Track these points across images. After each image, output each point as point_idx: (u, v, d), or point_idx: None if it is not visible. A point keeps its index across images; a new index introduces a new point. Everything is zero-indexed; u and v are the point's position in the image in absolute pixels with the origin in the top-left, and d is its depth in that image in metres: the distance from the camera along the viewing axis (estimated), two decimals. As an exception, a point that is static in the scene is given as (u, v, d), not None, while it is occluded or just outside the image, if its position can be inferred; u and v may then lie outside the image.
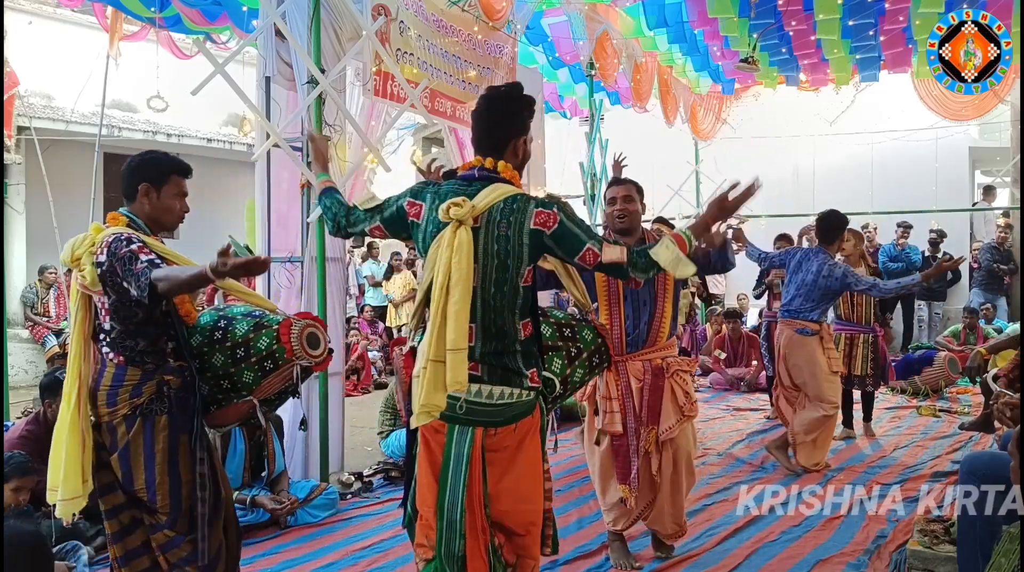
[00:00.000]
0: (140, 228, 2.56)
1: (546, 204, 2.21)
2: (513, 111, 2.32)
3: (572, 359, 2.68)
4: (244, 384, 2.70)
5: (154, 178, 2.62)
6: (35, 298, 8.80)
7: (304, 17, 4.67)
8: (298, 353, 2.68)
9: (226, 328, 2.72)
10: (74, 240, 2.56)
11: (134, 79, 8.94)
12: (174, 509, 2.53)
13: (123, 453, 2.51)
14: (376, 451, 5.66)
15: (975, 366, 4.71)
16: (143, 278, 2.29)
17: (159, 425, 2.51)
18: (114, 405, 2.51)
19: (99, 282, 2.45)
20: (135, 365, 2.51)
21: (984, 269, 10.39)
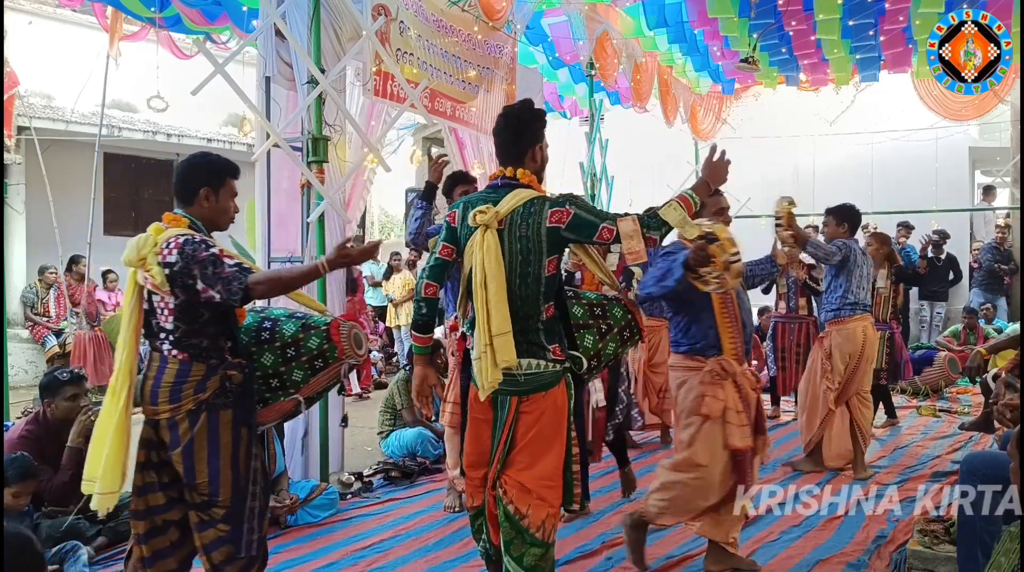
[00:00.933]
0: (199, 229, 2.62)
1: (559, 202, 2.57)
2: (526, 123, 2.70)
3: (603, 335, 2.99)
4: (293, 382, 2.86)
5: (213, 181, 2.68)
6: (35, 298, 8.79)
7: (304, 17, 4.67)
8: (348, 352, 2.87)
9: (272, 329, 2.88)
10: (138, 240, 2.59)
11: (134, 79, 8.93)
12: (235, 503, 2.58)
13: (187, 448, 2.54)
14: (376, 451, 5.66)
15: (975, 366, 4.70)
16: (236, 283, 2.41)
17: (223, 419, 2.57)
18: (177, 401, 2.55)
19: (167, 282, 2.50)
20: (199, 361, 2.56)
21: (984, 269, 10.39)
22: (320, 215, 4.65)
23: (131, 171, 11.81)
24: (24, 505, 3.37)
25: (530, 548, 2.57)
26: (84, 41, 9.99)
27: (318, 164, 4.65)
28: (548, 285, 2.60)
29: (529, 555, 2.57)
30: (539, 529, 2.57)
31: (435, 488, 4.85)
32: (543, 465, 2.60)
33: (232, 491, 2.57)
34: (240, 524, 2.60)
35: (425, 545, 3.80)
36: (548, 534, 2.60)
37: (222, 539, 2.58)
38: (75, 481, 3.72)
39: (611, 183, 8.48)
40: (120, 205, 11.71)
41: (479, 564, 3.53)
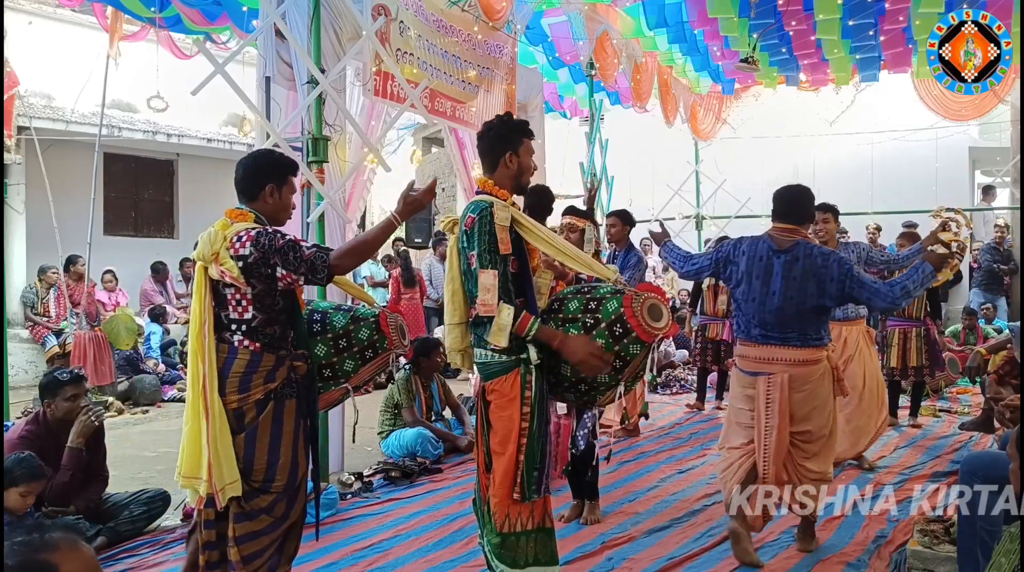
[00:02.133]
0: (264, 224, 2.70)
1: (470, 209, 2.77)
2: (497, 135, 2.88)
3: (588, 329, 2.76)
4: (344, 372, 2.96)
5: (278, 178, 2.77)
6: (35, 298, 8.79)
7: (304, 17, 4.67)
8: (396, 342, 3.00)
9: (323, 321, 2.97)
10: (208, 235, 2.62)
11: (134, 79, 8.95)
12: (288, 489, 2.67)
13: (250, 434, 2.62)
14: (376, 451, 5.66)
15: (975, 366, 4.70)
16: (319, 261, 2.52)
17: (288, 408, 2.68)
18: (247, 390, 2.62)
19: (244, 274, 2.56)
20: (270, 351, 2.65)
21: (984, 269, 10.39)
22: (320, 215, 4.65)
23: (131, 171, 11.82)
24: (30, 505, 3.37)
25: (493, 535, 2.74)
26: (84, 41, 10.00)
27: (318, 164, 4.65)
28: (475, 280, 2.72)
29: (492, 541, 2.76)
30: (500, 517, 2.72)
31: (435, 488, 4.85)
32: (502, 455, 2.74)
33: (288, 478, 2.67)
34: (282, 517, 2.68)
35: (425, 545, 3.80)
36: (508, 525, 2.71)
37: (255, 533, 2.63)
38: (75, 481, 3.74)
39: (611, 183, 8.48)
40: (120, 205, 11.72)
41: (479, 564, 3.53)
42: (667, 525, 4.05)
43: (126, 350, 8.30)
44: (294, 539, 2.81)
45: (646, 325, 2.70)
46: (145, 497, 3.99)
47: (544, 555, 2.75)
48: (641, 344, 2.75)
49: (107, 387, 7.85)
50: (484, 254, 2.66)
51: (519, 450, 2.71)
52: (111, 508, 3.92)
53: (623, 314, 2.71)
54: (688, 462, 5.38)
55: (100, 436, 3.92)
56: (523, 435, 2.72)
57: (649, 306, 2.73)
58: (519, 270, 2.77)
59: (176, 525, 4.09)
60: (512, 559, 2.72)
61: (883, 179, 11.78)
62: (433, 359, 5.72)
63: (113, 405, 7.39)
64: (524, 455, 2.71)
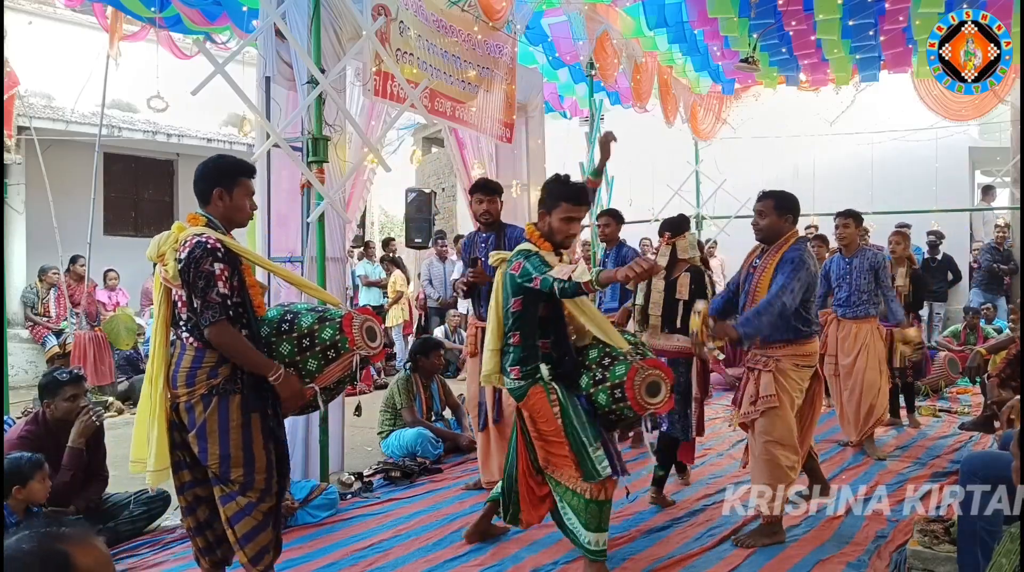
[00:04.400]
0: (217, 227, 2.81)
1: (517, 256, 3.19)
2: (543, 193, 3.33)
3: (597, 383, 3.22)
4: (308, 371, 2.94)
5: (225, 182, 2.85)
6: (35, 298, 8.80)
7: (304, 17, 4.67)
8: (359, 343, 2.96)
9: (292, 321, 2.99)
10: (160, 237, 2.81)
11: (134, 79, 8.93)
12: (247, 476, 2.75)
13: (200, 430, 2.73)
14: (376, 451, 5.66)
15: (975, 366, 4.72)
16: (210, 313, 2.64)
17: (233, 404, 2.75)
18: (192, 385, 2.73)
19: (179, 277, 2.71)
20: (212, 349, 2.73)
21: (984, 269, 10.39)
22: (320, 215, 4.65)
23: (131, 171, 11.83)
24: (49, 489, 3.40)
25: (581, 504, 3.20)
26: (84, 41, 10.00)
27: (318, 164, 4.65)
28: (514, 319, 3.21)
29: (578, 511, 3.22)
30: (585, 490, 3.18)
31: (435, 488, 4.85)
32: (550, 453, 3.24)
33: (244, 468, 2.74)
34: (259, 500, 2.77)
35: (425, 545, 3.80)
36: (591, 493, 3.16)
37: (243, 510, 2.76)
38: (75, 481, 3.74)
39: (611, 183, 8.48)
40: (120, 205, 11.73)
41: (479, 564, 3.54)
42: (667, 525, 4.05)
43: (126, 350, 8.30)
44: (276, 533, 2.90)
45: (641, 399, 3.13)
46: (145, 497, 4.00)
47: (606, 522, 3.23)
48: (634, 412, 3.17)
49: (107, 387, 7.85)
50: (539, 268, 3.05)
51: (566, 442, 3.14)
52: (111, 508, 3.93)
53: (624, 384, 3.13)
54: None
55: (100, 436, 3.93)
56: (564, 428, 3.14)
57: (649, 383, 3.15)
58: (548, 314, 3.22)
59: (176, 525, 4.08)
60: (597, 524, 3.17)
61: (883, 179, 11.77)
62: (432, 359, 5.72)
63: (113, 405, 7.39)
64: (571, 444, 3.13)
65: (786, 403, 3.72)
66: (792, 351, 3.75)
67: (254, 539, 2.78)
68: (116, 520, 3.86)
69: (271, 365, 2.75)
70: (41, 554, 1.16)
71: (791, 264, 3.63)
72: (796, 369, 3.77)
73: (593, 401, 3.22)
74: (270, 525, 2.83)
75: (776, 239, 3.80)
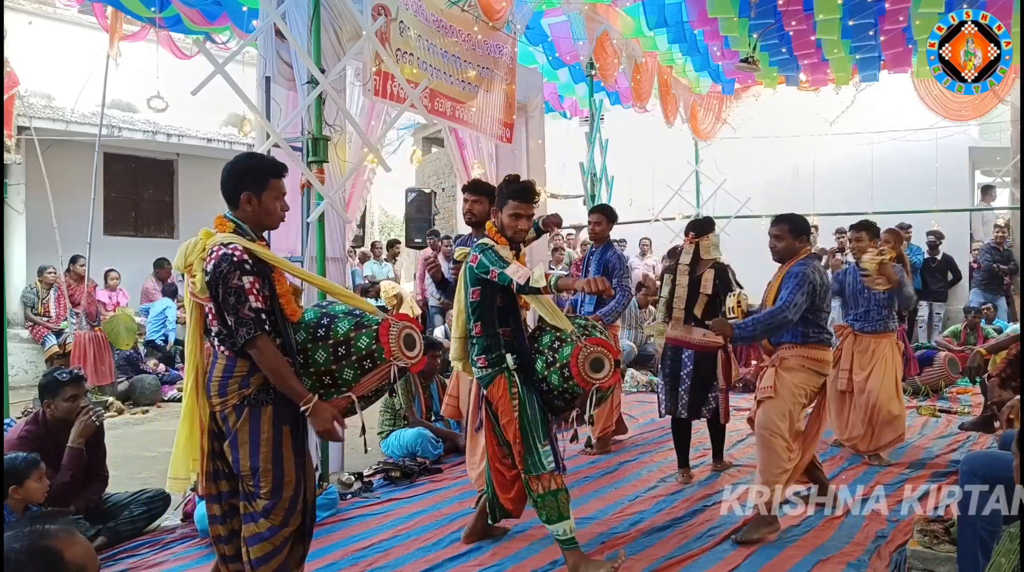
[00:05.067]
0: (246, 233, 2.68)
1: (475, 249, 3.36)
2: (498, 192, 3.54)
3: (549, 365, 3.40)
4: (344, 381, 2.81)
5: (254, 185, 2.70)
6: (35, 298, 8.80)
7: (304, 17, 4.67)
8: (396, 354, 2.80)
9: (329, 325, 2.83)
10: (186, 245, 2.68)
11: (134, 79, 8.94)
12: (275, 496, 2.64)
13: (233, 440, 2.65)
14: (376, 451, 5.66)
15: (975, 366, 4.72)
16: (244, 330, 2.53)
17: (264, 415, 2.65)
18: (224, 395, 2.65)
19: (207, 289, 2.60)
20: (244, 357, 2.62)
21: (984, 269, 10.39)
22: (320, 215, 4.65)
23: (131, 171, 11.82)
24: (47, 488, 3.39)
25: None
26: (84, 41, 10.00)
27: (318, 164, 4.65)
28: (473, 309, 3.42)
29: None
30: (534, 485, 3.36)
31: (435, 488, 4.85)
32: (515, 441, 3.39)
33: (272, 485, 2.63)
34: (281, 524, 2.66)
35: (425, 545, 3.80)
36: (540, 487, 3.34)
37: (258, 536, 2.65)
38: (75, 481, 3.74)
39: (611, 183, 8.48)
40: (120, 205, 11.72)
41: (479, 564, 3.54)
42: (667, 525, 4.05)
43: (126, 350, 8.30)
44: (299, 544, 2.80)
45: (586, 375, 3.30)
46: (145, 497, 4.00)
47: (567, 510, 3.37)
48: (581, 388, 3.33)
49: (107, 387, 7.85)
50: (496, 262, 3.21)
51: (519, 437, 3.35)
52: (111, 508, 3.93)
53: (568, 363, 3.32)
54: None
55: (100, 436, 3.92)
56: (519, 421, 3.35)
57: (592, 359, 3.32)
58: (505, 304, 3.42)
59: (176, 525, 4.09)
60: (557, 515, 3.32)
61: (883, 179, 11.78)
62: (432, 359, 5.71)
63: (113, 405, 7.39)
64: (521, 439, 3.34)
65: (784, 397, 3.84)
66: (801, 353, 3.92)
67: (267, 563, 2.67)
68: (116, 520, 3.86)
69: (303, 395, 2.59)
70: (32, 552, 1.21)
71: (795, 278, 3.86)
72: (803, 370, 3.91)
73: (548, 382, 3.39)
74: (287, 548, 2.71)
75: (790, 258, 4.04)
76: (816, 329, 3.94)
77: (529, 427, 3.34)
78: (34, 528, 1.25)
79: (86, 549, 1.28)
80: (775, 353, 4.02)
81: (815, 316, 3.93)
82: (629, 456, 5.58)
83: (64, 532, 1.26)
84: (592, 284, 3.01)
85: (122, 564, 3.60)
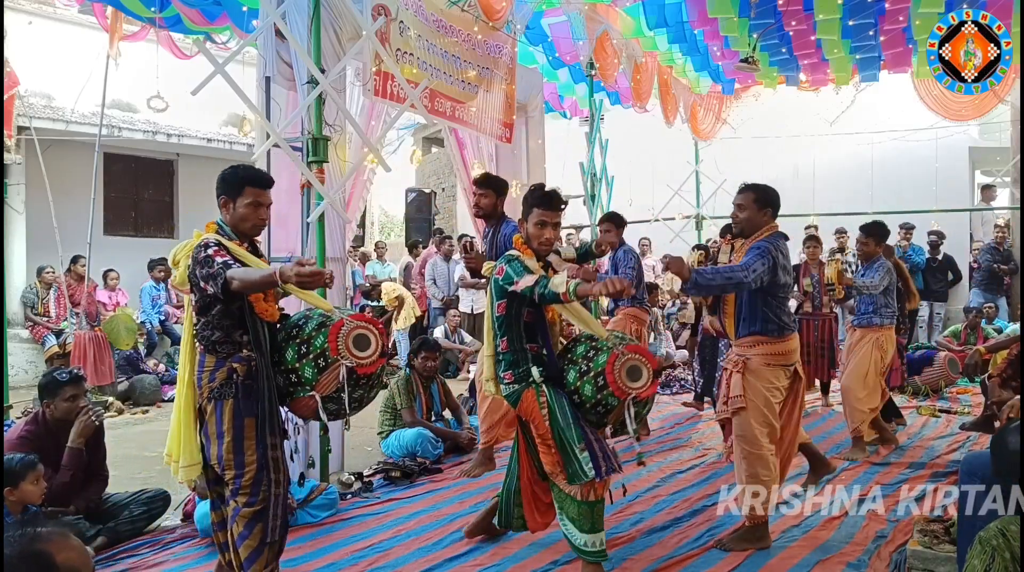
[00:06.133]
0: (228, 235, 2.88)
1: (502, 260, 3.32)
2: (524, 203, 3.43)
3: (582, 375, 3.26)
4: (306, 379, 2.90)
5: (230, 191, 2.89)
6: (35, 298, 8.80)
7: (304, 17, 4.67)
8: (343, 353, 2.83)
9: (301, 325, 2.96)
10: (178, 245, 2.93)
11: (134, 79, 8.94)
12: (238, 479, 2.81)
13: (204, 431, 2.87)
14: (376, 451, 5.66)
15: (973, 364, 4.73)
16: (219, 277, 2.61)
17: (225, 409, 2.80)
18: (200, 388, 2.86)
19: (187, 281, 2.81)
20: (211, 353, 2.83)
21: (984, 269, 10.39)
22: (320, 215, 4.65)
23: (131, 171, 11.82)
24: (44, 491, 3.39)
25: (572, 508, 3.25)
26: (84, 41, 10.00)
27: (318, 164, 4.65)
28: (499, 323, 3.30)
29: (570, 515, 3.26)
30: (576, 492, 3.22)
31: (435, 488, 4.85)
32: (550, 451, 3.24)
33: (235, 471, 2.80)
34: (252, 507, 2.80)
35: (425, 545, 3.80)
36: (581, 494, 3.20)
37: (235, 512, 2.81)
38: (75, 481, 3.74)
39: (611, 183, 8.48)
40: (120, 205, 11.72)
41: (479, 564, 3.54)
42: (667, 525, 4.06)
43: (126, 350, 8.30)
44: (276, 534, 2.88)
45: (622, 383, 3.18)
46: (145, 497, 4.00)
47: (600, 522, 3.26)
48: (617, 398, 3.20)
49: (107, 387, 7.85)
50: (520, 273, 3.16)
51: (555, 445, 3.19)
52: (111, 508, 3.92)
53: (604, 371, 3.20)
54: (688, 462, 5.38)
55: (100, 436, 3.93)
56: (551, 429, 3.19)
57: (629, 367, 3.20)
58: (533, 320, 3.29)
59: (176, 525, 4.09)
60: (591, 525, 3.20)
61: (883, 179, 11.78)
62: (423, 361, 5.68)
63: (113, 405, 7.39)
64: (557, 446, 3.17)
65: (756, 403, 3.68)
66: (763, 350, 3.71)
67: (256, 561, 2.83)
68: (116, 520, 3.85)
69: (271, 274, 2.56)
70: (24, 556, 1.20)
71: (756, 249, 3.61)
72: (768, 368, 3.72)
73: (580, 394, 3.25)
74: (258, 524, 2.82)
75: (753, 233, 3.75)
76: (776, 316, 3.70)
77: (564, 434, 3.16)
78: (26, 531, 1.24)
79: (79, 552, 1.28)
80: (736, 353, 3.79)
81: (776, 302, 3.70)
82: (630, 456, 5.57)
83: (57, 535, 1.26)
84: (610, 284, 2.88)
85: (122, 564, 3.60)
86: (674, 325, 10.41)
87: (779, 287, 3.68)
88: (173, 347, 9.46)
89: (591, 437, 3.16)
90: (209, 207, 11.59)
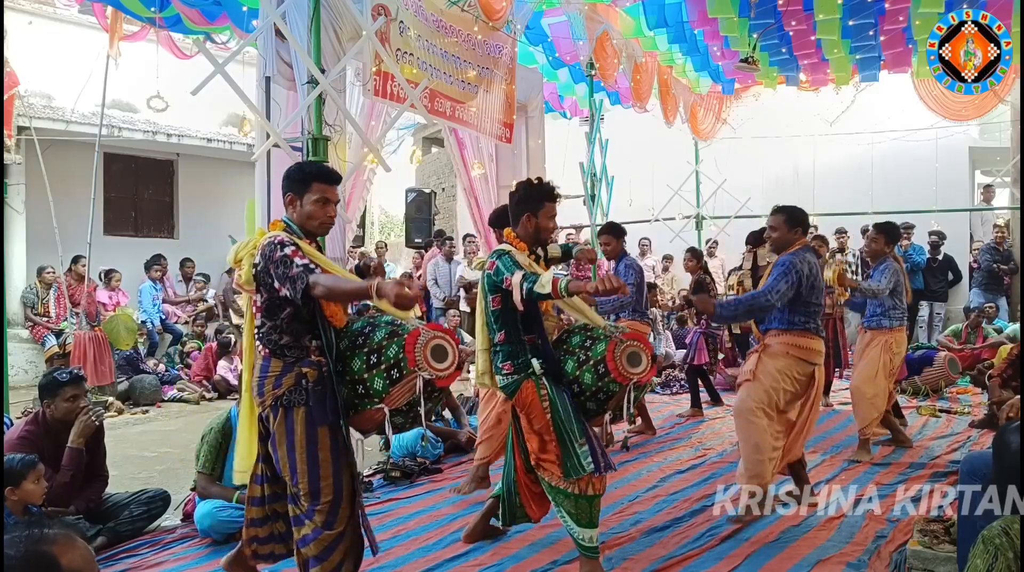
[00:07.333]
0: (295, 233, 2.75)
1: (491, 255, 3.28)
2: (521, 197, 3.38)
3: (581, 364, 3.32)
4: (375, 391, 2.73)
5: (296, 188, 2.79)
6: (35, 298, 8.80)
7: (304, 17, 4.67)
8: (420, 364, 2.67)
9: (368, 334, 2.79)
10: (238, 244, 2.80)
11: (134, 79, 8.94)
12: (313, 499, 2.65)
13: (272, 440, 2.71)
14: (376, 451, 5.66)
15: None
16: (300, 282, 2.50)
17: (297, 416, 2.65)
18: (262, 395, 2.69)
19: (253, 281, 2.68)
20: (277, 357, 2.68)
21: (984, 269, 10.39)
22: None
23: (131, 171, 11.82)
24: (45, 489, 3.39)
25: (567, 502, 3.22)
26: (84, 41, 9.99)
27: (318, 164, 4.65)
28: (495, 317, 3.28)
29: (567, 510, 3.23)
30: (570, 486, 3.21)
31: (435, 488, 4.85)
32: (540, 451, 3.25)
33: (310, 487, 2.64)
34: (326, 526, 2.66)
35: (425, 545, 3.80)
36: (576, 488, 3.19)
37: (307, 537, 2.67)
38: (75, 481, 3.74)
39: (611, 183, 8.48)
40: (120, 205, 11.72)
41: (479, 564, 3.54)
42: (667, 525, 4.05)
43: (126, 350, 8.30)
44: (352, 554, 2.78)
45: (623, 369, 3.23)
46: (145, 497, 4.00)
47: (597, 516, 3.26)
48: (619, 384, 3.26)
49: (107, 387, 7.85)
50: (510, 268, 3.10)
51: (554, 438, 3.18)
52: (111, 508, 3.93)
53: (605, 358, 3.25)
54: (688, 462, 5.38)
55: (100, 436, 3.93)
56: (552, 423, 3.19)
57: (629, 353, 3.26)
58: (527, 312, 3.22)
59: (176, 525, 4.09)
60: (588, 520, 3.20)
61: (883, 179, 11.77)
62: None
63: (113, 405, 7.39)
64: (558, 439, 3.18)
65: (763, 381, 3.92)
66: (786, 339, 4.00)
67: (322, 563, 2.68)
68: (116, 520, 3.85)
69: (362, 286, 2.44)
70: (27, 558, 1.18)
71: (781, 267, 3.96)
72: (787, 357, 3.98)
73: (580, 383, 3.31)
74: (340, 549, 2.71)
75: (785, 249, 4.10)
76: (803, 317, 4.01)
77: (564, 427, 3.18)
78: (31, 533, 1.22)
79: (84, 554, 1.26)
80: (762, 340, 4.11)
81: (803, 305, 4.00)
82: (630, 456, 5.58)
83: (62, 536, 1.24)
84: (604, 282, 2.81)
85: (122, 564, 3.59)
86: (674, 325, 10.41)
87: (809, 295, 4.00)
88: (172, 347, 9.47)
89: (590, 433, 3.24)
90: (209, 207, 11.66)
